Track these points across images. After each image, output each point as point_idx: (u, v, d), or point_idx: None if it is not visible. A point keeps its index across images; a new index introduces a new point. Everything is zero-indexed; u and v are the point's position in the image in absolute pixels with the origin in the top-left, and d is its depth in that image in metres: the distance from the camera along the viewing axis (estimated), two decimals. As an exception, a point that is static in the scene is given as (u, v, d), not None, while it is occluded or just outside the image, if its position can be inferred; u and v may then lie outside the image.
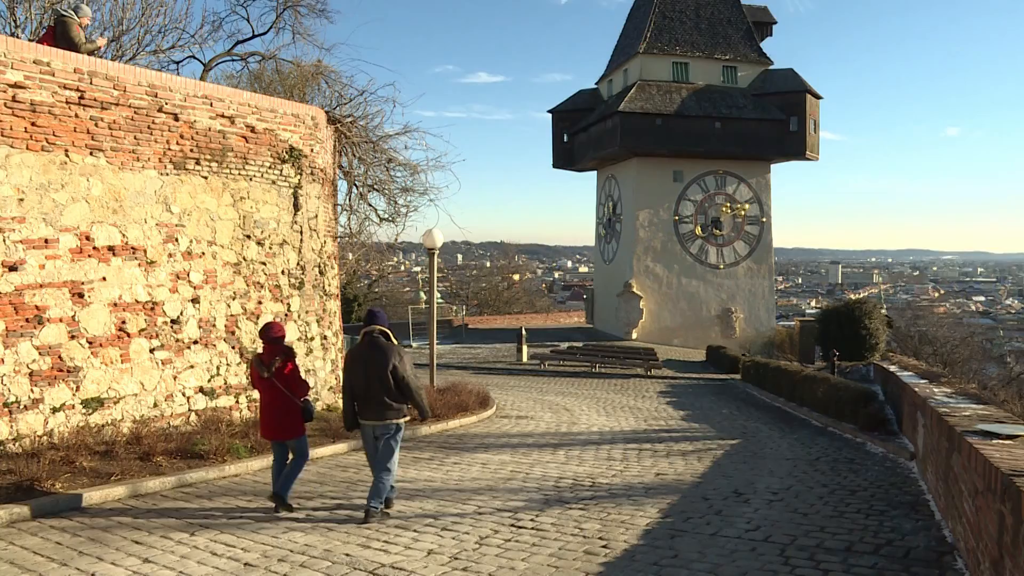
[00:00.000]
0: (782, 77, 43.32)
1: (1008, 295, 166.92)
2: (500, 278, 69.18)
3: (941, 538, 7.57)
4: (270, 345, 8.48)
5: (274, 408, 8.41)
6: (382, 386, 8.10)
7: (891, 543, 7.46)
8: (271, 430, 8.49)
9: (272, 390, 8.36)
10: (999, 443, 6.30)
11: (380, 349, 8.17)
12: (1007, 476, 4.88)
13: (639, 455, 12.47)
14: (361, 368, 8.17)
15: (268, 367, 8.30)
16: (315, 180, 14.61)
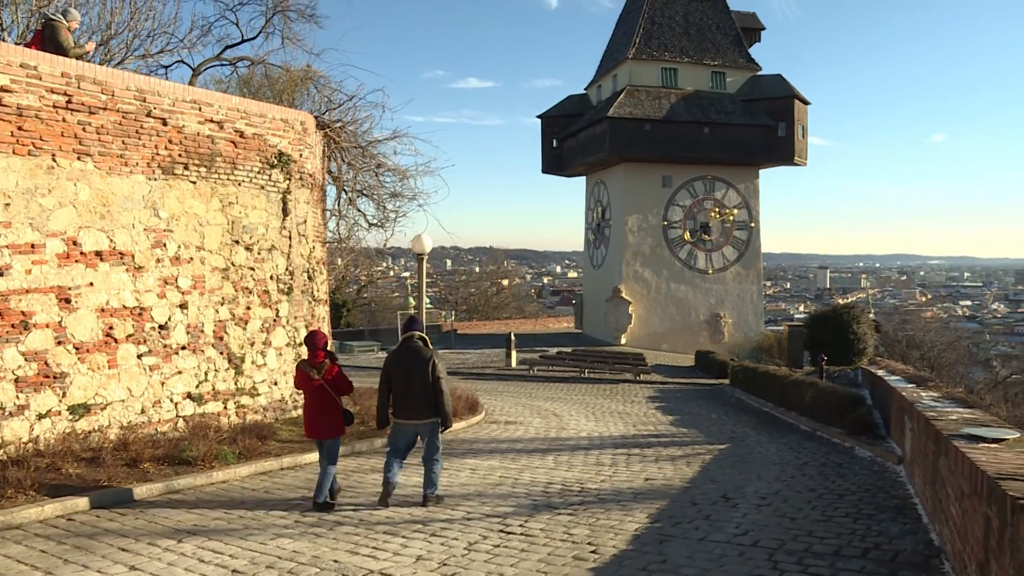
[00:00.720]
0: (770, 83, 43.47)
1: (994, 299, 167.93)
2: (489, 283, 69.12)
3: (928, 541, 7.59)
4: (317, 351, 9.08)
5: (320, 409, 9.01)
6: (422, 387, 8.84)
7: (879, 547, 7.48)
8: (316, 429, 9.04)
9: (319, 392, 8.99)
10: (985, 447, 6.33)
11: (419, 353, 8.93)
12: (993, 479, 4.90)
13: (628, 460, 12.47)
14: (400, 370, 8.92)
15: (318, 369, 8.95)
16: (304, 185, 14.59)
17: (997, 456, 5.83)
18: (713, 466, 12.11)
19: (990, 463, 5.48)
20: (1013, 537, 4.28)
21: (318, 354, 9.11)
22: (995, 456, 5.83)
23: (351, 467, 11.43)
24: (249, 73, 20.97)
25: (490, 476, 10.91)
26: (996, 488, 4.75)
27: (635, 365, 29.04)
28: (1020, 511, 4.10)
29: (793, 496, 9.81)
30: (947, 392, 11.83)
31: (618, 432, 15.75)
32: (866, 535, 7.93)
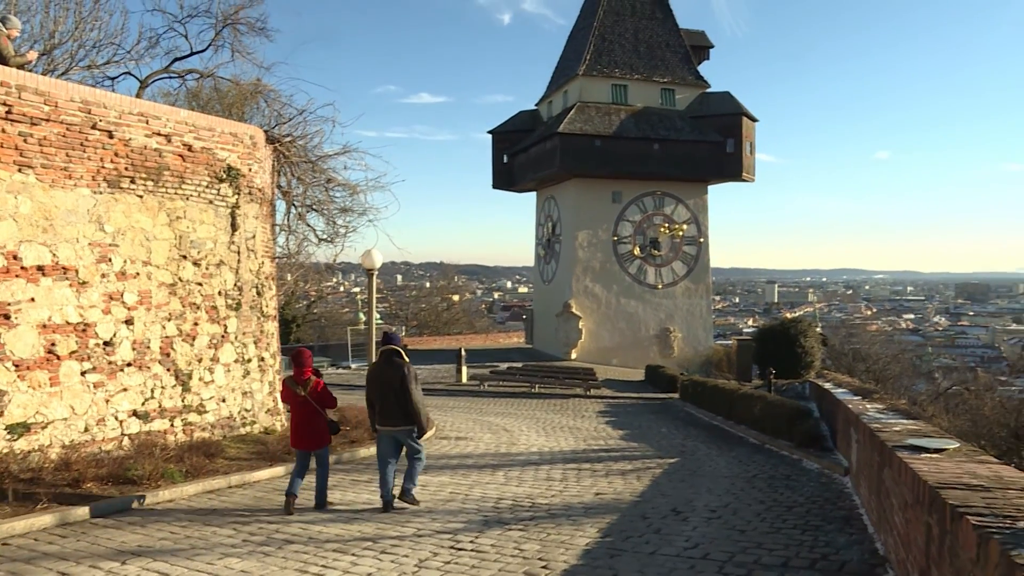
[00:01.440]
0: (719, 100, 44.04)
1: (936, 313, 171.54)
2: (440, 299, 68.90)
3: (874, 551, 7.71)
4: (303, 368, 9.76)
5: (306, 422, 9.70)
6: (396, 398, 9.54)
7: (826, 557, 7.58)
8: (302, 441, 9.73)
9: (305, 406, 9.68)
10: (927, 457, 6.46)
11: (395, 366, 9.62)
12: (934, 489, 5.00)
13: (578, 475, 12.50)
14: (378, 382, 9.68)
15: (303, 385, 9.63)
16: (253, 200, 14.46)
17: (938, 466, 5.94)
18: (663, 480, 12.18)
19: (931, 473, 5.59)
20: (952, 544, 4.37)
21: (304, 371, 9.75)
22: (936, 466, 5.94)
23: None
24: (198, 86, 20.75)
25: (440, 492, 10.86)
26: (937, 497, 4.85)
27: (585, 380, 29.13)
28: (959, 519, 4.19)
29: (742, 509, 9.90)
30: (891, 404, 12.04)
31: (569, 447, 15.77)
32: (814, 546, 8.03)
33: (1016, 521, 3.91)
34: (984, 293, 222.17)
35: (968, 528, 3.98)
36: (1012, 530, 3.73)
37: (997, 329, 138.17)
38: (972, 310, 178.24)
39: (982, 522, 3.94)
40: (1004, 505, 4.38)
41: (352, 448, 13.78)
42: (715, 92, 44.55)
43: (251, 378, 14.27)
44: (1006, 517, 4.03)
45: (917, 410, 13.46)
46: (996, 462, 6.28)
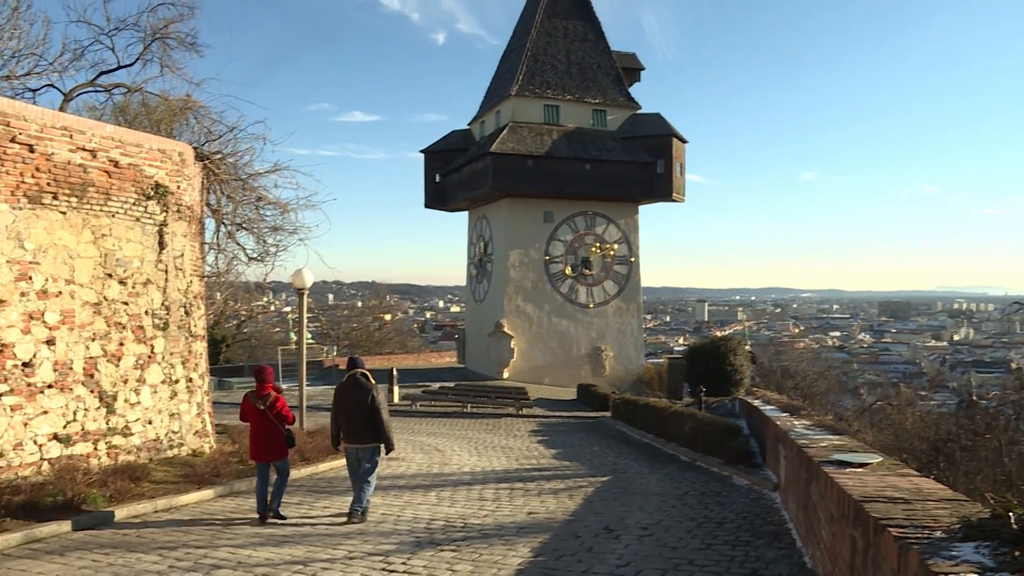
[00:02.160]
0: (649, 121, 44.64)
1: (860, 330, 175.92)
2: (371, 318, 68.40)
3: (802, 564, 7.85)
4: (263, 384, 10.42)
5: (264, 436, 10.34)
6: (363, 417, 10.20)
7: (756, 572, 7.70)
8: (261, 453, 10.37)
9: (264, 421, 10.33)
10: (852, 471, 6.61)
11: (362, 387, 10.34)
12: (858, 503, 5.12)
13: (511, 494, 12.50)
14: (346, 402, 10.34)
15: (263, 401, 10.29)
16: (182, 218, 14.23)
17: (862, 480, 6.09)
18: (595, 498, 12.25)
19: (856, 487, 5.73)
20: (875, 556, 4.48)
21: (265, 387, 10.44)
22: (860, 480, 6.09)
23: (229, 507, 11.11)
24: (125, 101, 20.31)
25: (372, 514, 10.76)
26: (861, 511, 4.97)
27: (517, 399, 29.16)
28: (881, 531, 4.30)
29: (674, 526, 10.01)
30: (818, 420, 12.30)
31: (501, 466, 15.77)
32: (744, 561, 8.15)
33: (933, 531, 4.03)
34: (905, 311, 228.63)
35: (889, 540, 4.09)
36: (930, 540, 3.84)
37: (918, 345, 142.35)
38: (894, 327, 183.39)
39: (902, 533, 4.05)
40: (923, 516, 4.51)
41: (282, 470, 13.59)
42: (646, 113, 45.17)
43: (179, 399, 13.99)
44: (924, 528, 4.15)
45: (843, 425, 13.76)
46: (916, 475, 6.46)
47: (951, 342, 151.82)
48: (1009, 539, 3.39)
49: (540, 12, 44.81)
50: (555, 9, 45.37)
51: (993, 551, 3.39)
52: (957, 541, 3.75)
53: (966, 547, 3.60)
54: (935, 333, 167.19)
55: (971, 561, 3.37)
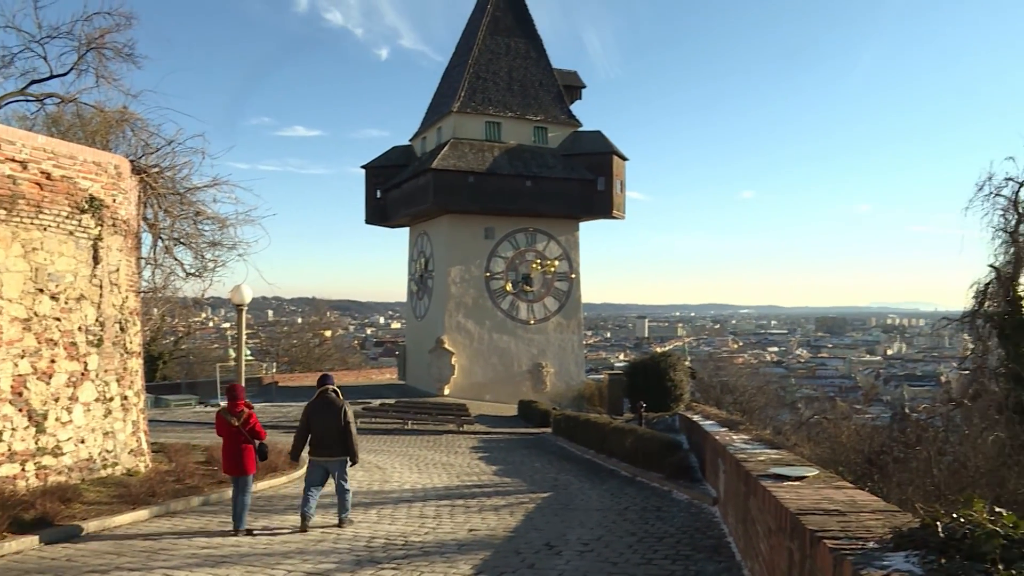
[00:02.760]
0: (590, 139, 45.02)
1: (798, 346, 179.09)
2: (311, 334, 67.70)
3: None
4: (235, 401, 10.92)
5: (236, 450, 10.78)
6: (335, 431, 10.86)
7: (694, 587, 7.77)
8: (235, 467, 10.78)
9: (237, 436, 10.77)
10: (789, 485, 6.73)
11: (334, 404, 11.01)
12: (795, 515, 5.22)
13: (452, 511, 12.47)
14: (317, 417, 10.97)
15: (236, 416, 10.76)
16: (117, 232, 13.98)
17: (799, 493, 6.20)
18: (536, 514, 12.27)
19: (792, 500, 5.83)
20: (811, 568, 4.57)
21: (238, 404, 10.91)
22: (797, 493, 6.20)
23: (165, 528, 10.90)
24: (58, 111, 19.86)
25: (312, 532, 10.65)
26: (797, 523, 5.06)
27: (458, 416, 29.11)
28: (817, 543, 4.39)
29: (615, 541, 10.07)
30: (756, 434, 12.49)
31: (442, 483, 15.72)
32: (684, 575, 8.22)
33: (867, 542, 4.13)
34: (841, 326, 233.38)
35: (825, 551, 4.18)
36: (863, 551, 3.93)
37: (853, 360, 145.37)
38: (831, 342, 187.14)
39: (837, 545, 4.13)
40: (857, 527, 4.61)
41: (220, 488, 13.38)
42: (586, 131, 45.56)
43: (113, 417, 13.70)
44: (858, 539, 4.25)
45: (781, 439, 14.00)
46: (851, 487, 6.60)
47: (885, 356, 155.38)
48: (936, 547, 3.49)
49: (482, 29, 45.01)
50: (497, 26, 45.61)
51: (922, 560, 3.49)
52: (889, 551, 3.84)
53: (897, 556, 3.69)
54: (870, 348, 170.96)
55: (901, 570, 3.46)
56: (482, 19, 45.41)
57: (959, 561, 3.23)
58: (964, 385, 24.73)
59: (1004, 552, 3.11)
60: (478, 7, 47.95)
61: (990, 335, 22.75)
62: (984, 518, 3.43)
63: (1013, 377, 20.95)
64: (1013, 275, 22.12)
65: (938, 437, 18.42)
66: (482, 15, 45.74)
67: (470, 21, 48.40)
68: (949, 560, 3.29)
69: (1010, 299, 21.80)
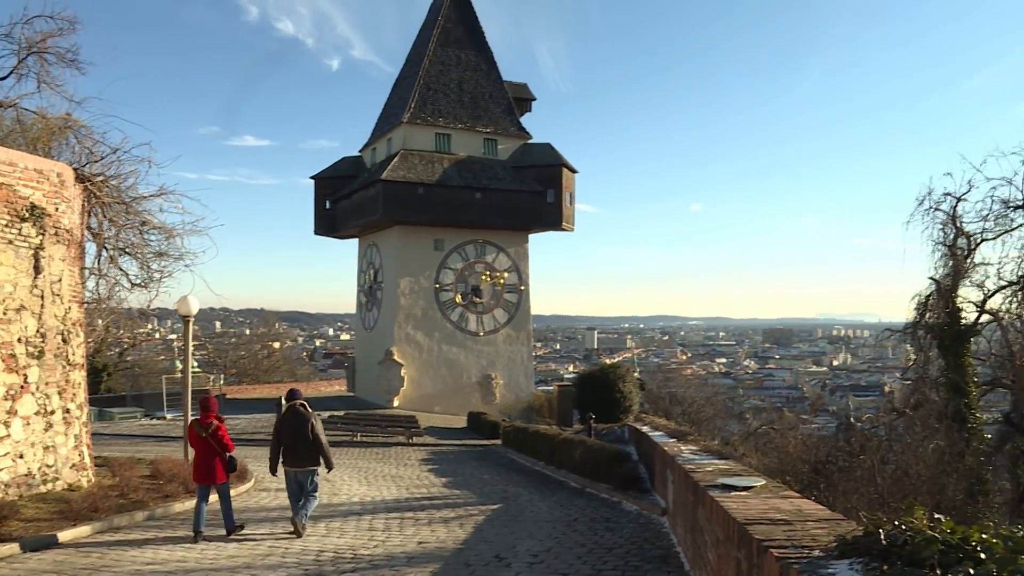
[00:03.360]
0: (540, 151, 45.21)
1: (746, 357, 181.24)
2: (260, 346, 66.93)
3: (688, 589, 8.01)
4: (207, 413, 11.38)
5: (207, 461, 11.24)
6: (304, 443, 11.38)
7: (643, 597, 7.81)
8: (204, 476, 11.22)
9: (207, 447, 11.25)
10: (736, 495, 6.80)
11: (302, 417, 11.52)
12: (742, 525, 5.28)
13: (401, 524, 12.41)
14: (289, 430, 11.47)
15: (206, 429, 11.22)
16: (60, 241, 13.72)
17: (746, 503, 6.27)
18: (486, 526, 12.25)
19: (739, 510, 5.90)
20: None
21: (209, 416, 11.37)
22: (744, 503, 6.27)
23: (108, 544, 10.69)
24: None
25: (259, 546, 10.53)
26: (745, 533, 5.12)
27: (408, 428, 28.99)
28: (764, 552, 4.45)
29: (564, 552, 10.09)
30: (705, 445, 12.61)
31: (391, 496, 15.64)
32: (631, 586, 8.27)
33: (812, 550, 4.19)
34: (788, 338, 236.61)
35: (771, 560, 4.24)
36: (808, 559, 4.00)
37: (800, 371, 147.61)
38: (778, 354, 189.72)
39: (784, 554, 4.20)
40: (803, 536, 4.68)
41: (166, 503, 13.17)
42: (536, 143, 45.76)
43: (54, 431, 13.41)
44: (804, 547, 4.31)
45: (729, 450, 14.15)
46: (798, 496, 6.70)
47: (831, 367, 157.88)
48: (879, 555, 3.56)
49: (433, 41, 45.03)
50: (448, 38, 45.67)
51: (865, 567, 3.56)
52: (833, 559, 3.91)
53: (841, 564, 3.76)
54: (816, 359, 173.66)
55: (846, 577, 3.53)
56: (433, 31, 45.45)
57: (900, 567, 3.30)
58: (906, 395, 25.30)
59: (942, 557, 3.18)
60: (429, 19, 48.01)
61: (931, 346, 23.32)
62: (924, 525, 3.51)
63: (952, 387, 21.49)
64: (952, 287, 22.70)
65: (881, 446, 18.78)
66: (433, 27, 45.78)
67: (421, 32, 48.42)
68: (891, 567, 3.36)
69: (949, 311, 22.37)
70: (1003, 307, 22.28)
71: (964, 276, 22.82)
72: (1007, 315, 22.17)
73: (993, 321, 22.65)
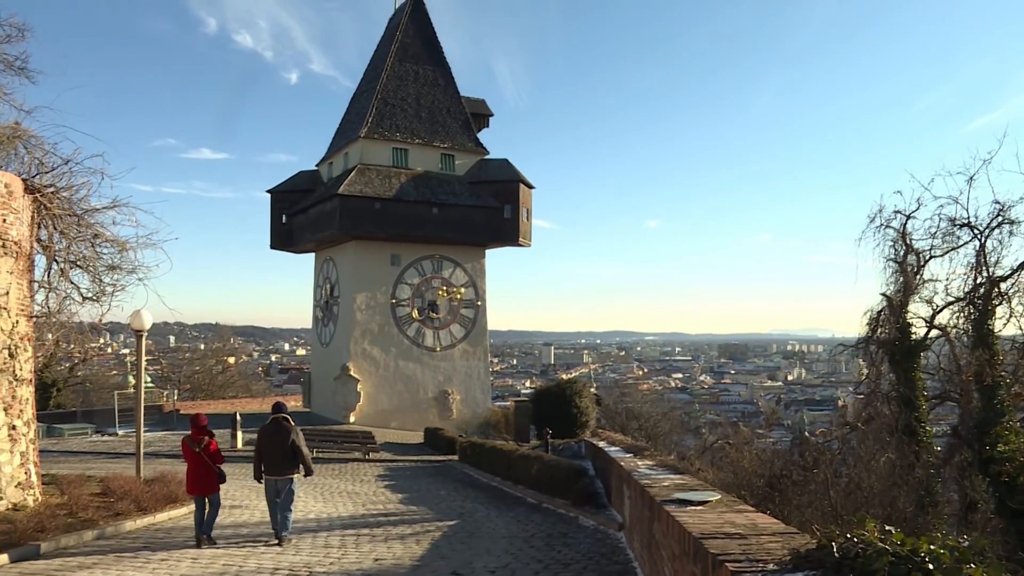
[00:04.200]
0: (497, 167, 45.31)
1: (702, 372, 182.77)
2: (215, 361, 66.15)
3: (644, 604, 8.02)
4: (199, 429, 12.24)
5: (200, 473, 12.11)
6: (284, 454, 12.19)
7: (600, 612, 7.82)
8: (198, 488, 12.08)
9: (199, 461, 12.12)
10: (692, 510, 6.84)
11: (284, 429, 12.27)
12: (697, 540, 5.31)
13: (357, 541, 12.31)
14: (271, 441, 12.24)
15: (198, 444, 12.12)
16: (7, 253, 13.47)
17: (702, 517, 6.31)
18: (443, 543, 12.19)
19: (695, 524, 5.93)
20: (715, 592, 4.65)
21: (199, 432, 12.21)
22: (700, 518, 6.31)
23: (54, 566, 10.46)
24: (-58, 126, 18.99)
25: (213, 565, 10.38)
26: (700, 547, 5.15)
27: (364, 443, 28.78)
28: (719, 566, 4.47)
29: (521, 568, 10.07)
30: (661, 460, 12.67)
31: (347, 512, 15.52)
32: (588, 601, 8.27)
33: (767, 564, 4.23)
34: (743, 353, 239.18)
35: (727, 575, 4.26)
36: (763, 573, 4.03)
37: (755, 386, 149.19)
38: (733, 368, 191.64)
39: (739, 568, 4.23)
40: (758, 550, 4.72)
41: (117, 521, 12.94)
42: (493, 159, 45.86)
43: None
44: (759, 561, 4.35)
45: (685, 465, 14.22)
46: (752, 510, 6.75)
47: (785, 382, 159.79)
48: (832, 567, 3.60)
49: (391, 56, 45.02)
50: (406, 53, 45.69)
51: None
52: (788, 572, 3.95)
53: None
54: (771, 373, 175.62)
55: (800, 590, 3.57)
56: (391, 45, 45.45)
57: (853, 579, 3.35)
58: (859, 409, 25.63)
59: (892, 569, 3.23)
60: (387, 33, 48.04)
61: (882, 360, 23.66)
62: (875, 537, 3.56)
63: (903, 400, 21.81)
64: (903, 303, 23.08)
65: (835, 460, 18.99)
66: (391, 42, 45.80)
67: (379, 47, 48.42)
68: (844, 579, 3.40)
69: (900, 326, 22.73)
70: (951, 322, 22.67)
71: (914, 292, 23.21)
72: (955, 330, 22.57)
73: (942, 336, 23.04)
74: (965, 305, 22.12)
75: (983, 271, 21.73)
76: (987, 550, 3.38)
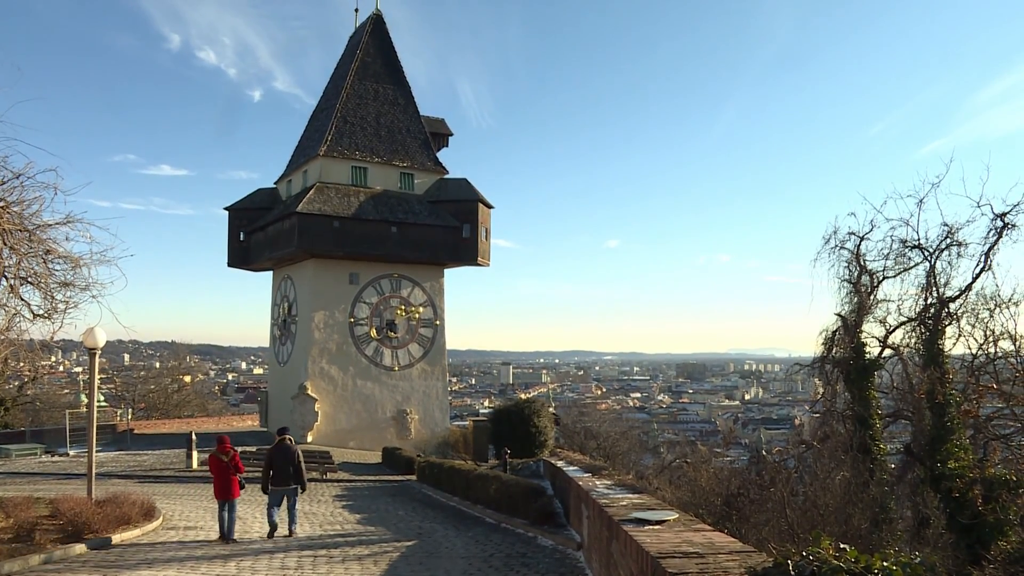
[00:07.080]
0: (456, 186, 45.36)
1: (660, 391, 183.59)
2: (170, 379, 65.22)
3: (602, 624, 8.02)
4: (225, 444, 14.75)
5: (226, 481, 14.42)
6: (290, 468, 15.23)
7: (558, 632, 7.80)
8: (223, 494, 14.39)
9: (225, 470, 14.49)
10: (650, 529, 6.87)
11: (289, 448, 15.45)
12: (655, 559, 5.33)
13: (314, 562, 12.18)
14: (277, 458, 15.24)
15: (226, 455, 14.57)
16: (-43, 272, 13.21)
17: (659, 537, 6.33)
18: (401, 563, 12.11)
19: (653, 544, 5.96)
20: (673, 611, 4.66)
21: (225, 446, 14.67)
22: (658, 537, 6.33)
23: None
24: None
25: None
26: (658, 567, 5.17)
27: (322, 463, 28.53)
28: (679, 586, 4.49)
29: (479, 588, 10.01)
30: (619, 479, 12.70)
31: (304, 533, 15.37)
32: (546, 621, 8.24)
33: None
34: (701, 372, 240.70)
35: (685, 592, 4.28)
36: (722, 591, 4.06)
37: (713, 405, 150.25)
38: (691, 388, 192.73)
39: (697, 586, 4.24)
40: (715, 569, 4.75)
41: (66, 544, 12.66)
42: (453, 178, 45.91)
43: (-53, 469, 12.83)
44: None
45: (644, 484, 14.28)
46: (710, 529, 6.79)
47: (743, 401, 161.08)
48: (789, 585, 3.63)
49: (351, 74, 45.00)
50: (366, 72, 45.69)
51: (776, 598, 3.62)
52: (745, 590, 3.97)
53: (753, 595, 3.82)
54: (728, 393, 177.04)
55: (757, 608, 3.59)
56: (351, 64, 45.42)
57: (809, 597, 3.38)
58: (815, 427, 25.90)
59: (848, 586, 3.27)
60: (348, 51, 48.01)
61: (837, 379, 23.96)
62: (830, 554, 3.60)
63: (858, 419, 22.09)
64: (857, 323, 23.41)
65: (791, 478, 19.16)
66: (351, 60, 45.77)
67: (339, 65, 48.36)
68: (800, 597, 3.43)
69: (855, 345, 23.05)
70: (903, 342, 23.03)
71: (868, 312, 23.54)
72: (907, 349, 22.92)
73: (895, 355, 23.40)
74: (917, 325, 22.49)
75: (933, 292, 22.13)
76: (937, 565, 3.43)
